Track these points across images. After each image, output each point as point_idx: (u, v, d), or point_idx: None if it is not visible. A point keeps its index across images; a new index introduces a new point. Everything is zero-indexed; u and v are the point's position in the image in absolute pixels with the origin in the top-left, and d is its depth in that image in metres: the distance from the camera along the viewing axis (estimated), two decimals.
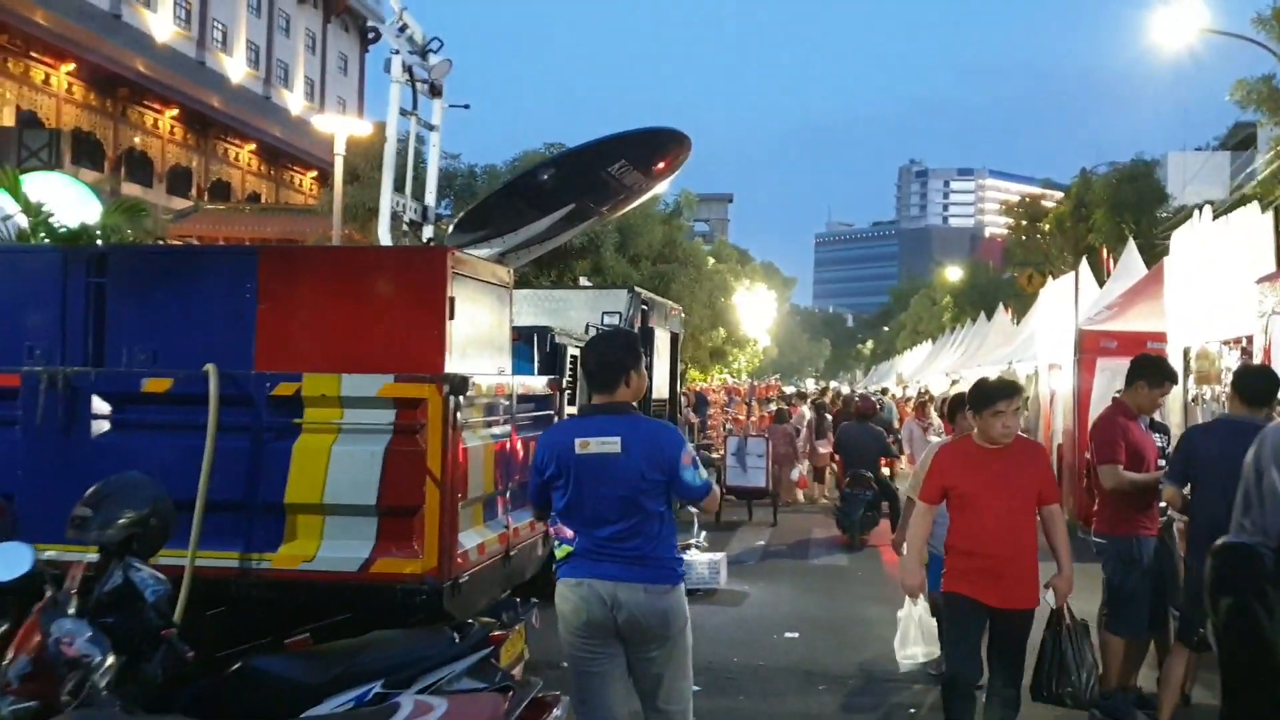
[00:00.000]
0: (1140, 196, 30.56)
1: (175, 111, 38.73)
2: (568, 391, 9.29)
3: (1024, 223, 37.72)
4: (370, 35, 53.34)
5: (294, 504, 5.26)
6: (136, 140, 37.31)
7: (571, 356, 9.26)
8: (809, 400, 24.44)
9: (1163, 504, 6.17)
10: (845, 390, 47.53)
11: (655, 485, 4.48)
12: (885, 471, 15.85)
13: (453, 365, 5.51)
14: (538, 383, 6.77)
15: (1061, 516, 5.45)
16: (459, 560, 5.27)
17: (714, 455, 16.57)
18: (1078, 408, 15.21)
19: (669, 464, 4.49)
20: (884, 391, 33.88)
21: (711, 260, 32.78)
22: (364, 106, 52.06)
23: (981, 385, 5.52)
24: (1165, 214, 30.71)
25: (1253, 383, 5.80)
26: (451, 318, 5.49)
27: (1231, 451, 5.50)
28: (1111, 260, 26.17)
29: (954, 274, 61.27)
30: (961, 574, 5.35)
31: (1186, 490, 5.80)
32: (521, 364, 8.58)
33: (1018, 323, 33.50)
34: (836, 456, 16.78)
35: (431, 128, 9.41)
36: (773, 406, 23.51)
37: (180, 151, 39.85)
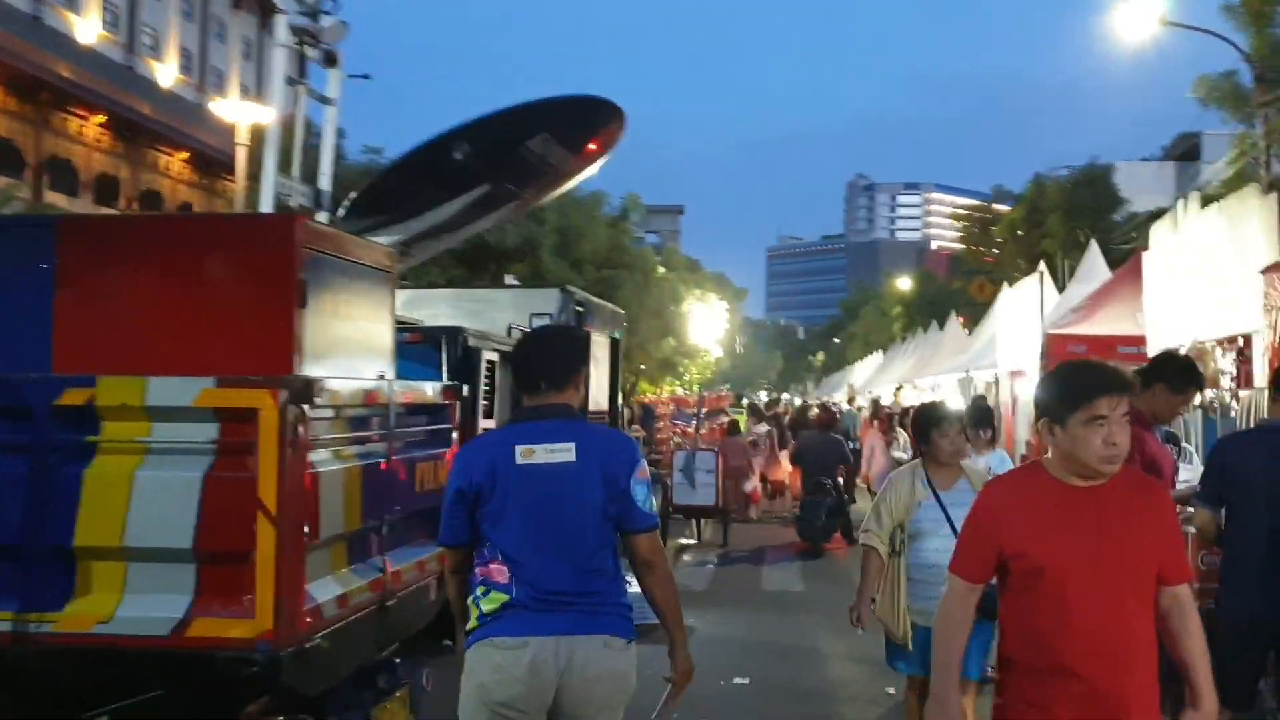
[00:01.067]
0: (1096, 201, 29.90)
1: (102, 118, 36.94)
2: (485, 403, 8.13)
3: (975, 230, 36.88)
4: None
5: (86, 548, 4.01)
6: (60, 148, 35.56)
7: (489, 362, 8.09)
8: (768, 414, 23.39)
9: (1189, 529, 5.01)
10: (797, 401, 46.98)
11: (610, 506, 3.58)
12: (841, 480, 15.20)
13: (308, 367, 4.30)
14: (427, 390, 5.54)
15: (1194, 605, 3.11)
16: (306, 619, 4.05)
17: (661, 472, 15.44)
18: None
19: (623, 480, 3.58)
20: (851, 401, 32.91)
21: (661, 269, 31.73)
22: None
23: (1067, 375, 3.16)
24: (1120, 219, 30.11)
25: None
26: (302, 305, 4.28)
27: None
28: (1067, 266, 25.48)
29: (904, 284, 60.68)
30: (1032, 706, 3.02)
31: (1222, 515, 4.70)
32: (427, 370, 7.38)
33: (971, 332, 32.91)
34: (796, 467, 15.94)
35: (326, 101, 8.17)
36: (724, 419, 22.46)
37: (107, 160, 38.06)
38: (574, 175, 8.89)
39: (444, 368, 7.44)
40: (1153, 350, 10.34)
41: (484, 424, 7.82)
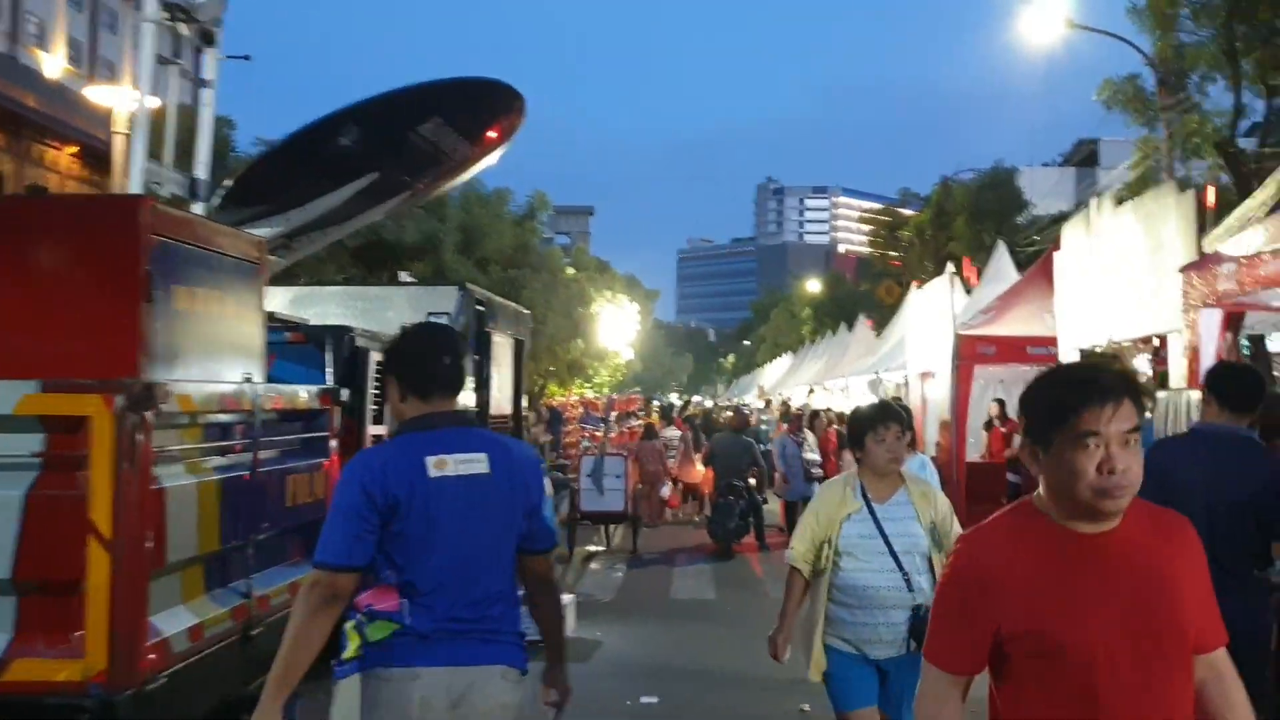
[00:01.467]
0: (1001, 204, 30.22)
1: None
2: (374, 408, 7.62)
3: (883, 233, 37.11)
4: None
5: None
6: None
7: (378, 364, 7.57)
8: (680, 416, 23.07)
9: None
10: (708, 404, 46.90)
11: (523, 523, 3.26)
12: (753, 482, 15.16)
13: (156, 369, 3.79)
14: (301, 394, 5.03)
15: (1235, 672, 2.36)
16: (149, 656, 3.55)
17: (569, 477, 15.00)
18: (956, 418, 14.17)
19: (536, 494, 3.30)
20: (768, 404, 32.77)
21: (571, 270, 31.28)
22: None
23: (1050, 381, 2.32)
24: (1024, 221, 30.48)
25: (1236, 384, 4.47)
26: (148, 299, 3.77)
27: (1224, 471, 4.21)
28: (976, 269, 25.67)
29: (813, 287, 61.03)
30: None
31: None
32: (311, 372, 6.86)
33: (879, 334, 33.07)
34: (708, 469, 15.87)
35: (203, 83, 7.56)
36: (634, 422, 22.11)
37: None
38: (472, 165, 8.39)
39: (329, 370, 6.92)
40: (1064, 352, 10.23)
41: (373, 430, 7.31)
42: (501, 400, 11.32)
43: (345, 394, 5.87)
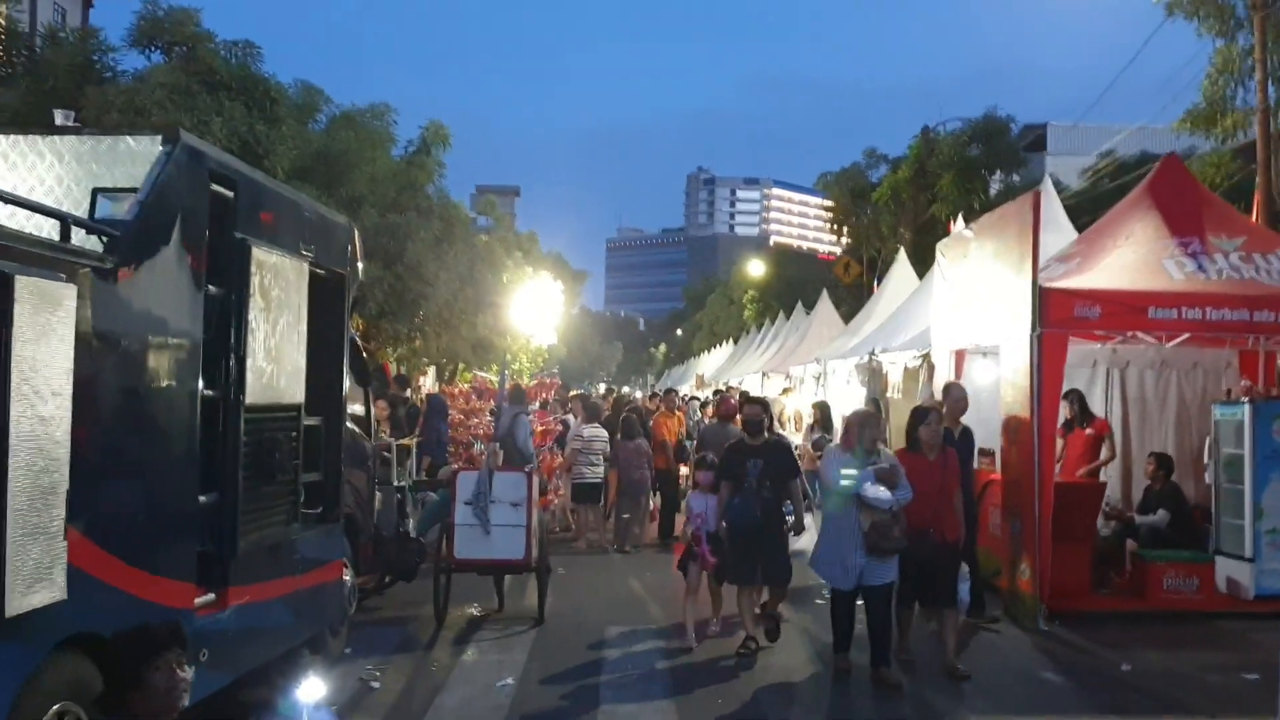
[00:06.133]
0: (996, 158, 25.33)
1: None
2: None
3: (846, 199, 32.03)
4: None
5: None
6: None
7: None
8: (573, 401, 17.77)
9: None
10: (638, 394, 41.95)
11: None
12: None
13: None
14: None
15: None
16: None
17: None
18: (1040, 414, 9.08)
19: None
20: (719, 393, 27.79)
21: (485, 239, 25.89)
22: None
23: None
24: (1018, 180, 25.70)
25: None
26: None
27: None
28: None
29: (756, 269, 56.03)
30: None
31: None
32: None
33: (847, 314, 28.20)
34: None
35: None
36: (567, 416, 16.86)
37: None
38: None
39: None
40: None
41: None
42: (281, 375, 6.03)
43: None
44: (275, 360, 5.89)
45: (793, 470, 8.54)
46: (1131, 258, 9.92)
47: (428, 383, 27.52)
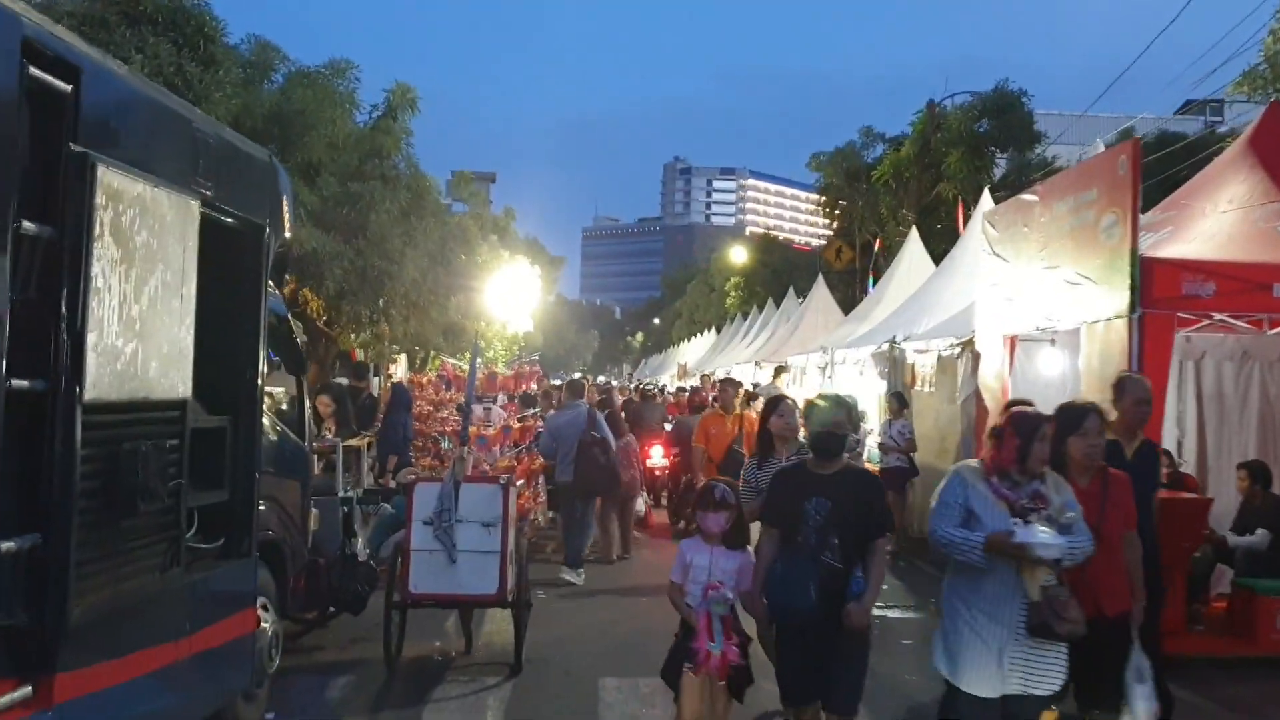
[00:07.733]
0: (1008, 134, 23.57)
1: None
2: None
3: (839, 181, 30.19)
4: None
5: None
6: None
7: None
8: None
9: None
10: (615, 384, 40.37)
11: None
12: None
13: None
14: None
15: None
16: None
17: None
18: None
19: None
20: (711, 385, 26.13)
21: (457, 217, 23.93)
22: None
23: None
24: (1035, 159, 24.00)
25: None
26: None
27: None
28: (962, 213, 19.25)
29: (739, 255, 54.27)
30: None
31: None
32: None
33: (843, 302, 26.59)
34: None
35: None
36: (532, 411, 15.05)
37: None
38: None
39: None
40: None
41: None
42: (149, 359, 4.16)
43: None
44: (139, 336, 4.03)
45: (881, 523, 5.14)
46: (1237, 225, 8.20)
47: (399, 371, 25.61)
